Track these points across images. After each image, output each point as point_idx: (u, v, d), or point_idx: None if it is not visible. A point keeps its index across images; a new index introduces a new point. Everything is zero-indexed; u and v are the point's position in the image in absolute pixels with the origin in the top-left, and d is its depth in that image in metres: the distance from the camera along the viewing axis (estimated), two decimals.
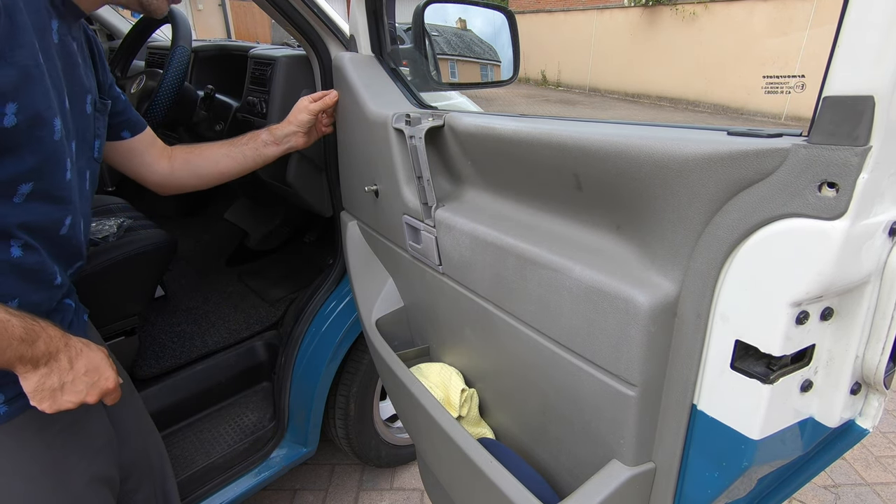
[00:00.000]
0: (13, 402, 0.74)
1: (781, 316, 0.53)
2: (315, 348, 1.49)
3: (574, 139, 0.71)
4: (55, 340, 0.70)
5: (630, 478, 0.71)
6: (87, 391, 0.74)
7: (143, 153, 1.07)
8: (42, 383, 0.69)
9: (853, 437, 0.65)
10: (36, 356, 0.68)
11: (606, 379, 0.71)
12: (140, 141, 1.05)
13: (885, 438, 2.08)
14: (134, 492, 1.03)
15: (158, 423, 1.17)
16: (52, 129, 0.68)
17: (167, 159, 1.11)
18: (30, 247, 0.72)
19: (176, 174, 1.12)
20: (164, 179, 1.12)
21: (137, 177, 1.10)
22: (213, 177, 1.16)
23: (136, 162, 1.07)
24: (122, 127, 1.01)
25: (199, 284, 2.12)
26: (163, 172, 1.11)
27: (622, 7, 12.00)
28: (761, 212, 0.53)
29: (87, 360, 0.75)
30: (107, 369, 0.77)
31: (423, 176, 0.97)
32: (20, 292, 0.73)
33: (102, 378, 0.76)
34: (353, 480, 1.90)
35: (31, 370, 0.68)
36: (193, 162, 1.14)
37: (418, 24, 1.31)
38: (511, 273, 0.83)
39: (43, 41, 0.67)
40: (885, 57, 0.43)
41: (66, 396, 0.72)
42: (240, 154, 1.16)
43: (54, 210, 0.74)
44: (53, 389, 0.71)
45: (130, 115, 1.03)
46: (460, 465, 0.93)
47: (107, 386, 0.77)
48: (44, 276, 0.76)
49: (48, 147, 0.68)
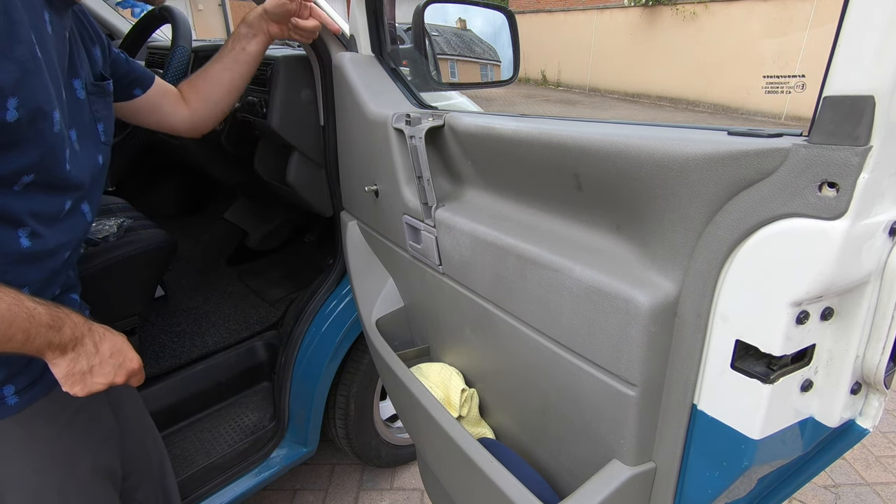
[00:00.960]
0: (23, 394, 0.75)
1: (782, 316, 0.53)
2: (315, 348, 1.49)
3: (574, 139, 0.71)
4: (80, 326, 0.73)
5: (630, 478, 0.71)
6: (115, 372, 0.77)
7: (161, 105, 1.08)
8: (72, 368, 0.72)
9: (853, 437, 0.65)
10: (63, 342, 0.70)
11: (607, 379, 0.71)
12: (154, 94, 1.06)
13: (886, 438, 2.08)
14: (135, 489, 1.04)
15: (158, 423, 1.17)
16: (52, 122, 0.69)
17: (184, 102, 1.12)
18: (35, 234, 0.73)
19: (196, 113, 1.13)
20: (190, 123, 1.13)
21: (166, 128, 1.11)
22: (225, 96, 1.16)
23: (158, 115, 1.08)
24: (132, 86, 1.02)
25: (199, 284, 2.12)
26: (185, 116, 1.12)
27: (622, 7, 12.00)
28: (762, 212, 0.53)
29: (111, 343, 0.77)
30: (130, 350, 0.80)
31: (423, 176, 0.97)
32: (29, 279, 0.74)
33: (127, 359, 0.79)
34: (353, 480, 1.90)
35: (59, 356, 0.70)
36: (203, 92, 1.14)
37: (418, 24, 1.31)
38: (511, 273, 0.83)
39: (39, 34, 0.67)
40: (886, 57, 0.43)
41: (96, 378, 0.75)
42: (231, 61, 1.15)
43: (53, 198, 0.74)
44: (83, 373, 0.73)
45: (137, 72, 1.02)
46: (460, 465, 0.93)
47: (132, 366, 0.80)
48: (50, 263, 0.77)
49: (49, 139, 0.69)
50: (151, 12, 1.56)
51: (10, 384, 0.74)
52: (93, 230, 1.45)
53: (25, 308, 0.64)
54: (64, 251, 0.79)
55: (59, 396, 0.78)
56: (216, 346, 1.69)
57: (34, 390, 0.76)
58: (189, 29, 1.43)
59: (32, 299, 0.67)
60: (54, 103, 0.69)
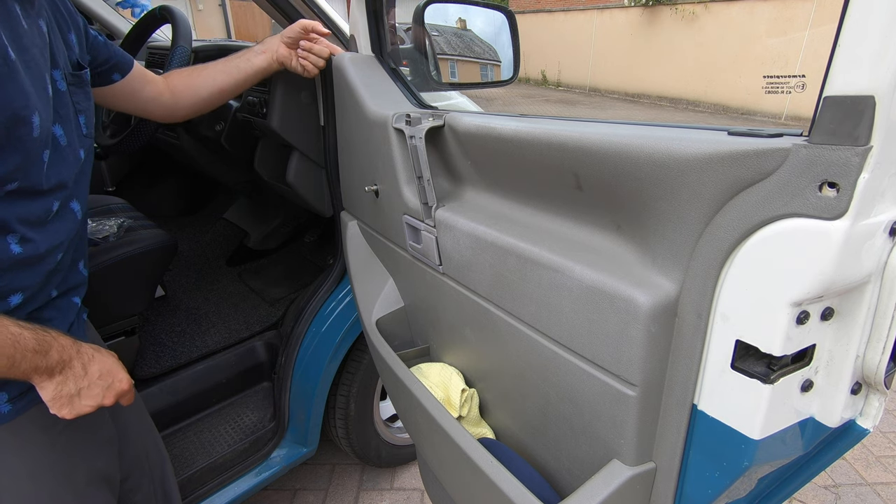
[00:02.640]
0: (17, 401, 0.74)
1: (782, 316, 0.53)
2: (315, 348, 1.49)
3: (574, 139, 0.71)
4: (67, 349, 0.72)
5: (631, 477, 0.71)
6: (104, 394, 0.76)
7: (142, 90, 1.07)
8: (59, 391, 0.71)
9: (853, 437, 0.65)
10: (50, 365, 0.69)
11: (607, 379, 0.71)
12: (133, 79, 1.05)
13: (886, 438, 2.08)
14: (134, 491, 1.03)
15: (158, 423, 1.17)
16: (32, 127, 0.67)
17: (167, 89, 1.12)
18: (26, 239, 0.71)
19: (179, 101, 1.13)
20: (171, 109, 1.13)
21: (145, 113, 1.11)
22: (214, 95, 1.17)
23: (137, 100, 1.07)
24: (111, 72, 1.00)
25: (199, 284, 2.12)
26: (167, 102, 1.12)
27: (622, 7, 12.00)
28: (762, 212, 0.53)
29: (100, 364, 0.77)
30: (120, 371, 0.79)
31: (423, 176, 0.97)
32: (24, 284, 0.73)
33: (116, 380, 0.78)
34: (354, 480, 1.90)
35: (46, 379, 0.70)
36: (193, 84, 1.14)
37: (418, 24, 1.31)
38: (511, 273, 0.83)
39: (12, 33, 0.65)
40: (886, 57, 0.43)
41: (84, 401, 0.74)
42: (234, 68, 1.16)
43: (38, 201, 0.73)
44: (71, 395, 0.72)
45: (116, 57, 1.01)
46: (461, 465, 0.93)
47: (121, 388, 0.79)
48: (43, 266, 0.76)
49: (28, 145, 0.68)
50: (151, 12, 1.56)
51: (3, 392, 0.73)
52: (93, 230, 1.45)
53: (10, 333, 0.64)
54: (57, 252, 0.78)
55: None
56: (216, 346, 1.69)
57: (28, 398, 0.75)
58: (189, 29, 1.43)
59: (18, 323, 0.66)
60: (34, 107, 0.67)
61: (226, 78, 1.16)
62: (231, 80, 1.17)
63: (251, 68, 1.18)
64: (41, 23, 0.75)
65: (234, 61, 1.17)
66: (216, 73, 1.16)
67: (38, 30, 0.73)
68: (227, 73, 1.16)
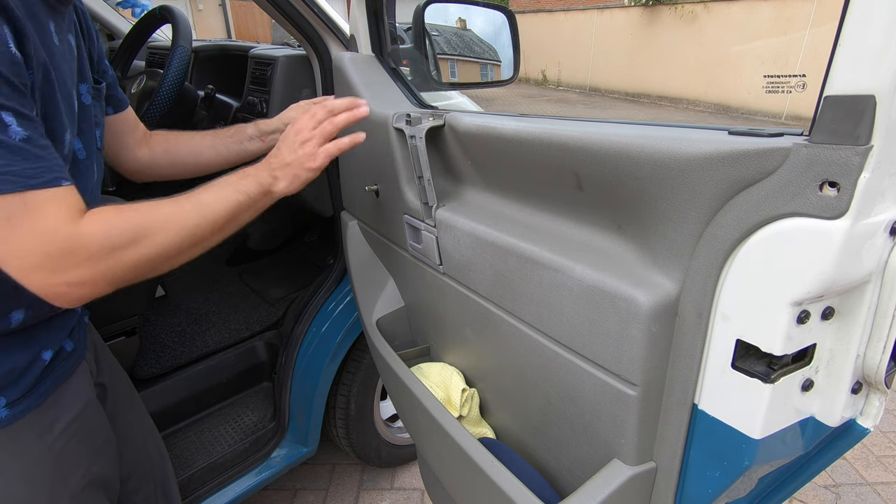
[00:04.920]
0: (14, 406, 0.73)
1: (782, 315, 0.53)
2: (315, 348, 1.49)
3: (575, 139, 0.71)
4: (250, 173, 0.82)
5: (631, 477, 0.71)
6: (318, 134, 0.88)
7: (126, 134, 1.02)
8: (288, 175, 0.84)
9: (854, 437, 0.65)
10: (265, 184, 0.81)
11: (607, 378, 0.71)
12: (123, 121, 1.00)
13: (886, 438, 2.08)
14: (135, 492, 1.03)
15: (159, 423, 1.17)
16: (63, 145, 0.67)
17: (147, 145, 1.06)
18: None
19: (156, 162, 1.06)
20: (143, 167, 1.06)
21: (116, 161, 1.03)
22: (193, 168, 1.11)
23: (117, 143, 1.00)
24: (107, 102, 0.95)
25: (199, 284, 2.12)
26: (143, 159, 1.05)
27: (622, 7, 12.00)
28: (762, 211, 0.53)
29: (284, 136, 0.87)
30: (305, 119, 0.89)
31: (423, 176, 0.97)
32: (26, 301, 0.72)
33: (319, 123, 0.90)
34: (354, 480, 1.90)
35: (271, 185, 0.83)
36: (174, 150, 1.08)
37: (418, 24, 1.31)
38: (512, 273, 0.83)
39: (49, 51, 0.65)
40: (887, 56, 0.43)
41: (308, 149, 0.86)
42: (223, 147, 1.11)
43: None
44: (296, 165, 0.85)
45: (116, 92, 0.98)
46: (461, 465, 0.93)
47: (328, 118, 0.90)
48: None
49: None
50: (151, 12, 1.56)
51: (0, 396, 0.72)
52: None
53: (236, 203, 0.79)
54: None
55: (50, 409, 0.76)
56: (216, 346, 1.69)
57: (25, 402, 0.74)
58: (189, 29, 1.43)
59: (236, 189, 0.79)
60: (66, 124, 0.67)
61: (211, 154, 1.10)
62: (217, 158, 1.11)
63: (243, 153, 1.12)
64: (70, 38, 0.75)
65: (226, 140, 1.11)
66: (203, 146, 1.10)
67: (68, 45, 0.73)
68: (215, 150, 1.10)
